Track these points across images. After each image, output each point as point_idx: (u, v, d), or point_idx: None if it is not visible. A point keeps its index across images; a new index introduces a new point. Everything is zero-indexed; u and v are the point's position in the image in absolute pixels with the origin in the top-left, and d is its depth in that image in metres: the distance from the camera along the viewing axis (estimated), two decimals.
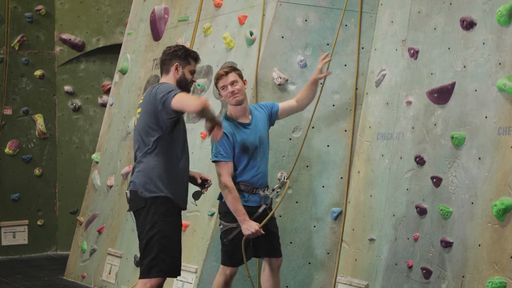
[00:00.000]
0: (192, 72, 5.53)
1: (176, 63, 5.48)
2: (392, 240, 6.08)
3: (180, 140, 5.38)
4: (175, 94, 5.16)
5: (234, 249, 5.69)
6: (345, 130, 6.67)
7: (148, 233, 5.24)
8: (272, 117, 5.96)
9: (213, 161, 5.69)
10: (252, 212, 5.65)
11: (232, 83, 5.71)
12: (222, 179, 5.60)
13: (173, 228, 5.30)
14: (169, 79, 5.47)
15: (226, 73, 5.73)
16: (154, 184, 5.26)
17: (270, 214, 5.72)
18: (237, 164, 5.68)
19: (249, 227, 5.57)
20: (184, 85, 5.47)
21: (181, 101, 5.13)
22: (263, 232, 5.63)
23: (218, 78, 5.76)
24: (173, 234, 5.29)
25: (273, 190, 5.88)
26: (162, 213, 5.25)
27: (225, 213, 5.72)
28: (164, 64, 5.51)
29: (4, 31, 10.28)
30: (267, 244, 5.76)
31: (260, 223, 5.63)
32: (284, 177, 5.98)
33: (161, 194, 5.25)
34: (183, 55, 5.52)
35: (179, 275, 5.39)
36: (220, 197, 5.75)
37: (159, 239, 5.22)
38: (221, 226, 5.77)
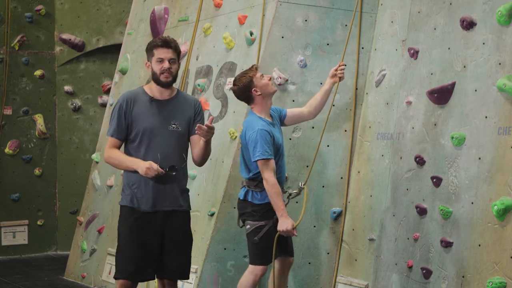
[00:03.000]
0: (161, 60, 5.33)
1: (146, 62, 5.48)
2: (392, 240, 6.07)
3: (143, 143, 5.37)
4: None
5: (264, 247, 5.66)
6: (345, 130, 6.66)
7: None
8: (280, 121, 5.95)
9: (261, 159, 5.53)
10: (273, 211, 5.63)
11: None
12: (268, 176, 5.53)
13: (128, 231, 5.43)
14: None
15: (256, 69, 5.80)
16: (122, 192, 5.51)
17: (300, 218, 5.67)
18: None
19: (286, 223, 5.55)
20: (156, 79, 5.39)
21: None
22: (295, 234, 5.63)
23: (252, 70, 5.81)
24: (127, 237, 5.42)
25: (290, 195, 5.87)
26: (122, 217, 5.51)
27: (251, 213, 5.69)
28: None
29: (4, 31, 10.27)
30: (284, 243, 5.76)
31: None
32: (301, 184, 5.89)
33: (122, 203, 5.51)
34: (148, 50, 5.43)
35: (134, 280, 5.43)
36: (244, 197, 5.72)
37: (119, 241, 5.49)
38: (248, 226, 5.71)
